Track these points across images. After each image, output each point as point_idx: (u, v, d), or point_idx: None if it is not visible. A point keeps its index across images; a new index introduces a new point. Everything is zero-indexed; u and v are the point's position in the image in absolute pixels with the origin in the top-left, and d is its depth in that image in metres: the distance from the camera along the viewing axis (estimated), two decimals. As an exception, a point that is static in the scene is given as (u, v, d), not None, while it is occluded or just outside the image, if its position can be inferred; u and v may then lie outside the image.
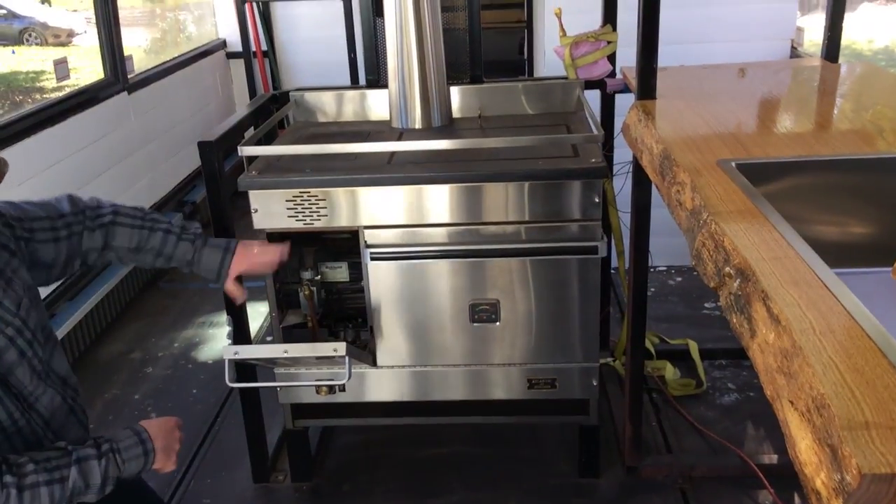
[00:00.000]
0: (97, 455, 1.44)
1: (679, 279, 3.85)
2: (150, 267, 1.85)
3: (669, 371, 2.99)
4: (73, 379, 1.61)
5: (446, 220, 2.20)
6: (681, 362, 3.07)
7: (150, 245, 1.78)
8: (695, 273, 3.85)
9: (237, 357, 1.92)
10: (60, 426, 1.53)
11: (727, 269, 1.24)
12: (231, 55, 5.46)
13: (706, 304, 3.57)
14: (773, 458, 2.52)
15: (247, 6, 5.19)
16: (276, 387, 2.38)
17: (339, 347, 1.94)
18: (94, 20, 3.93)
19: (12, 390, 1.43)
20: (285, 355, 1.98)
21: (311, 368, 2.19)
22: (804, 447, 0.88)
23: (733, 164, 1.62)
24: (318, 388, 2.38)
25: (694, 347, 3.09)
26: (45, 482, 1.36)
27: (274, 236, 2.20)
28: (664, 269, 3.92)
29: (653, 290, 3.67)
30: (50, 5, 9.00)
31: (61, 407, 1.54)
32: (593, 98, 2.70)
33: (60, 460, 1.40)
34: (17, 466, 1.35)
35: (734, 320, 1.18)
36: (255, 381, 2.48)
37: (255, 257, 1.93)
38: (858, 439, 0.79)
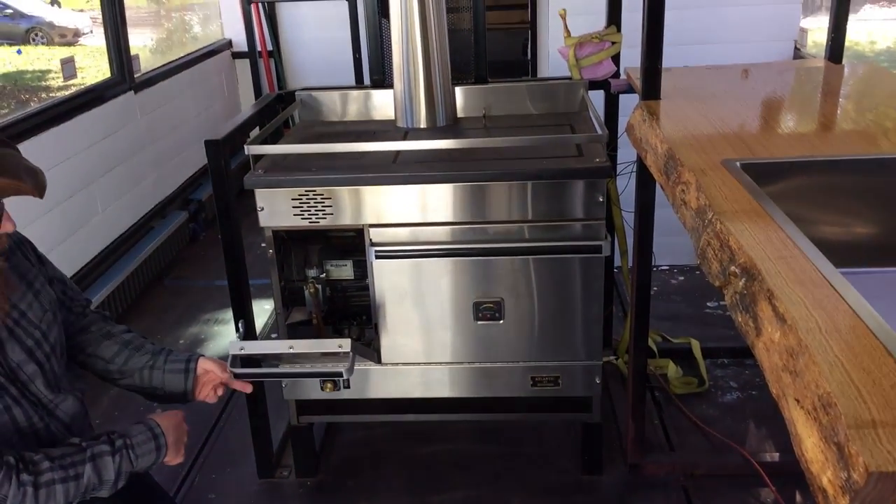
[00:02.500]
0: (111, 451, 1.45)
1: (681, 278, 3.86)
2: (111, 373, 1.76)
3: (672, 369, 3.00)
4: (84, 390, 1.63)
5: (451, 218, 2.21)
6: (683, 361, 3.08)
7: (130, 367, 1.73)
8: (697, 272, 3.88)
9: (242, 352, 1.93)
10: (80, 429, 1.55)
11: (732, 267, 1.25)
12: (237, 55, 5.47)
13: (708, 304, 3.58)
14: (774, 457, 2.53)
15: (252, 6, 5.21)
16: (277, 379, 2.37)
17: (345, 344, 1.95)
18: (99, 20, 3.94)
19: (31, 398, 1.45)
20: (290, 351, 1.99)
21: (316, 365, 2.21)
22: (810, 445, 0.89)
23: (738, 163, 1.63)
24: (322, 385, 2.39)
25: (696, 346, 3.10)
26: (60, 479, 1.38)
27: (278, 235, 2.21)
28: (666, 268, 3.93)
29: (655, 289, 3.68)
30: (60, 6, 9.02)
31: (80, 411, 1.56)
32: (597, 98, 2.72)
33: (75, 457, 1.42)
34: (33, 464, 1.37)
35: (739, 319, 1.20)
36: (263, 391, 2.49)
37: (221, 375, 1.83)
38: (865, 437, 0.80)
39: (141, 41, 5.47)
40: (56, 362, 1.52)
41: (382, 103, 2.74)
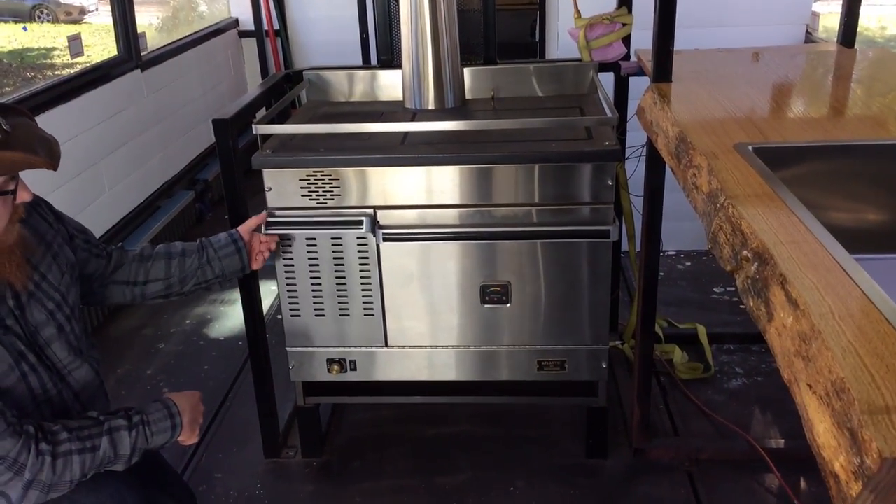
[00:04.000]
0: (128, 426, 1.47)
1: (688, 264, 3.85)
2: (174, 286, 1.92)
3: (678, 355, 3.00)
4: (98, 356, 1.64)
5: (459, 201, 2.21)
6: (689, 346, 3.08)
7: (153, 267, 1.86)
8: (704, 258, 3.87)
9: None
10: (89, 398, 1.57)
11: (744, 252, 1.24)
12: (243, 34, 5.44)
13: (715, 289, 3.58)
14: (779, 443, 2.54)
15: (259, -16, 5.18)
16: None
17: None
18: (105, -3, 3.92)
19: (46, 362, 1.46)
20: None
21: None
22: (822, 430, 0.88)
23: (750, 147, 1.62)
24: (329, 367, 2.40)
25: (702, 332, 3.10)
26: (77, 450, 1.40)
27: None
28: (673, 253, 3.92)
29: (662, 274, 3.67)
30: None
31: (94, 381, 1.57)
32: (607, 81, 2.69)
33: (92, 429, 1.44)
34: (52, 434, 1.39)
35: (751, 303, 1.19)
36: (269, 363, 2.50)
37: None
38: (879, 423, 0.79)
39: (147, 19, 5.44)
40: (76, 324, 1.55)
41: (390, 84, 2.72)
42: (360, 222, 2.19)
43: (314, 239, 2.25)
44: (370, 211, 2.21)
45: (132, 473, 1.55)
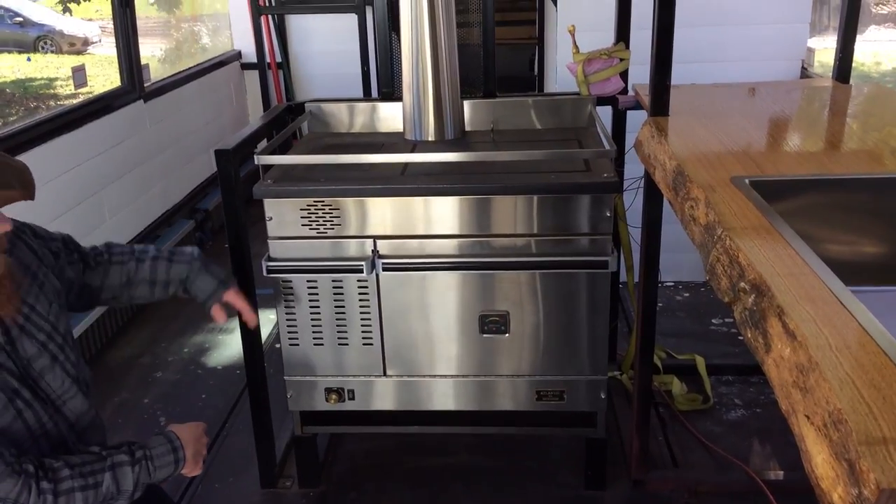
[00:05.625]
0: (131, 461, 1.46)
1: (686, 295, 3.86)
2: (151, 300, 1.87)
3: (676, 386, 2.99)
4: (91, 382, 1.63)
5: (458, 231, 2.22)
6: (688, 377, 3.08)
7: (139, 277, 1.79)
8: (702, 289, 3.88)
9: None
10: (84, 429, 1.55)
11: (742, 284, 1.25)
12: (246, 66, 5.51)
13: (713, 320, 3.58)
14: (779, 475, 2.53)
15: (262, 18, 5.25)
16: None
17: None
18: (108, 29, 3.98)
19: (41, 395, 1.45)
20: None
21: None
22: (820, 461, 0.89)
23: (747, 180, 1.64)
24: (327, 397, 2.40)
25: (701, 363, 3.10)
26: (80, 487, 1.38)
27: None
28: (671, 284, 3.93)
29: (660, 305, 3.68)
30: (71, 14, 9.08)
31: (88, 411, 1.56)
32: (605, 114, 2.73)
33: (95, 465, 1.42)
34: (53, 471, 1.37)
35: (749, 335, 1.20)
36: (266, 392, 2.50)
37: (242, 302, 1.98)
38: (876, 454, 0.80)
39: (150, 51, 5.50)
40: (69, 351, 1.53)
41: (391, 116, 2.75)
42: (360, 269, 2.21)
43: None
44: (369, 252, 2.23)
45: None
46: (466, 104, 2.69)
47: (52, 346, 1.47)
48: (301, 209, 2.22)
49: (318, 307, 2.30)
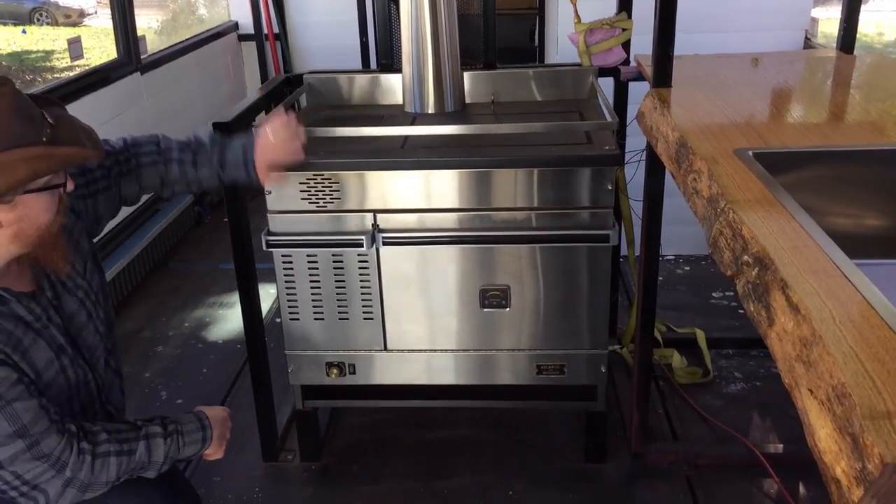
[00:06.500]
0: (164, 434, 1.49)
1: (687, 268, 3.85)
2: (194, 191, 1.88)
3: (676, 359, 3.00)
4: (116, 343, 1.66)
5: (459, 205, 2.21)
6: (688, 351, 3.08)
7: (171, 178, 1.81)
8: (702, 262, 3.87)
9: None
10: (108, 387, 1.59)
11: (745, 257, 1.24)
12: (243, 38, 5.44)
13: (714, 294, 3.58)
14: (778, 448, 2.54)
15: (259, -12, 5.18)
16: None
17: None
18: (104, 1, 3.92)
19: (81, 352, 1.48)
20: None
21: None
22: (824, 435, 0.88)
23: (750, 152, 1.62)
24: (328, 371, 2.40)
25: (701, 336, 3.10)
26: (115, 452, 1.42)
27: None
28: (672, 258, 3.92)
29: (661, 278, 3.66)
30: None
31: (108, 368, 1.59)
32: (607, 85, 2.70)
33: (130, 433, 1.46)
34: (92, 434, 1.41)
35: (751, 308, 1.19)
36: (267, 366, 2.50)
37: (276, 150, 1.89)
38: (880, 428, 0.79)
39: (147, 22, 5.45)
40: (101, 309, 1.57)
41: (390, 88, 2.72)
42: (360, 243, 2.21)
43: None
44: (370, 226, 2.22)
45: (165, 483, 1.56)
46: (466, 76, 2.66)
47: (88, 303, 1.52)
48: (300, 182, 2.20)
49: (318, 281, 2.29)
